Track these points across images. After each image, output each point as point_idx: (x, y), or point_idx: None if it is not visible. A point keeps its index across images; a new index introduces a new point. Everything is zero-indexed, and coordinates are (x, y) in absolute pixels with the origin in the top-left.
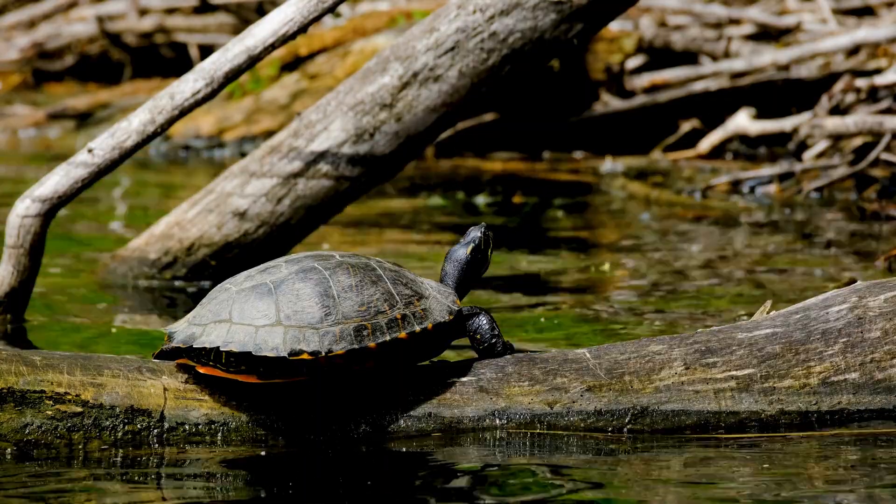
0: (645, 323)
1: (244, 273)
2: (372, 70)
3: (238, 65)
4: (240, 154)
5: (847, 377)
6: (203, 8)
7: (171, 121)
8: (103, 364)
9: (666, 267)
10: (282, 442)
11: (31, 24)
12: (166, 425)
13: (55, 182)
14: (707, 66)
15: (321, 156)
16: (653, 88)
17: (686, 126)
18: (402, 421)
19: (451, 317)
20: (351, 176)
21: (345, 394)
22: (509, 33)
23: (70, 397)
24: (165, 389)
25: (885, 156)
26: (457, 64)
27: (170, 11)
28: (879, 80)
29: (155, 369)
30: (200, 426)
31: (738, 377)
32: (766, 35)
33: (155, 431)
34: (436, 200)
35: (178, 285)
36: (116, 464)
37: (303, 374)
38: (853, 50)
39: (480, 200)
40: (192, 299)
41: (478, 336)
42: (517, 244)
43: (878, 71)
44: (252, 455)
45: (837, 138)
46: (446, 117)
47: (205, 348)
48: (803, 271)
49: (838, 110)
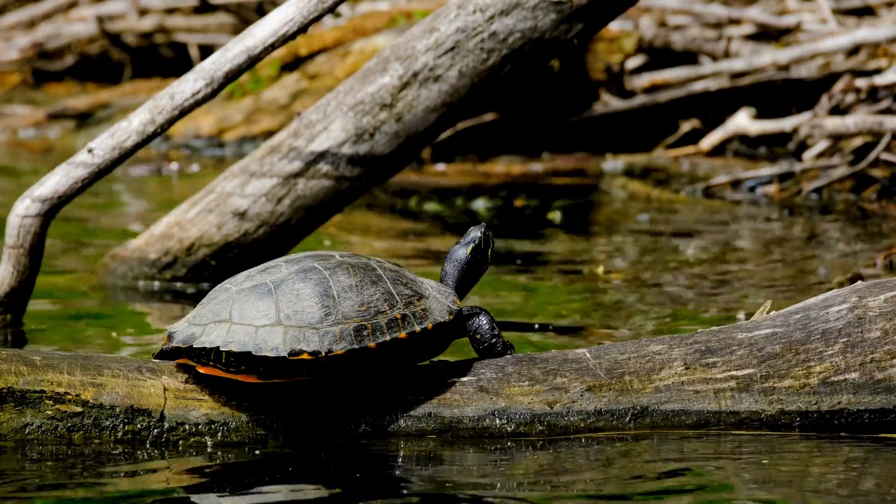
0: (644, 323)
1: (244, 273)
2: (372, 70)
3: (238, 65)
4: (240, 154)
5: (847, 377)
6: (203, 8)
7: (172, 121)
8: (103, 364)
9: (665, 267)
10: (282, 442)
11: (31, 24)
12: (166, 425)
13: (55, 182)
14: (707, 66)
15: (321, 156)
16: (653, 88)
17: (686, 126)
18: (402, 421)
19: (451, 317)
20: (351, 176)
21: (345, 394)
22: (509, 33)
23: (70, 397)
24: (165, 389)
25: (885, 156)
26: (457, 64)
27: (170, 11)
28: (879, 80)
29: (155, 369)
30: (200, 426)
31: (738, 377)
32: (766, 35)
33: (155, 431)
34: (433, 206)
35: (179, 285)
36: (116, 464)
37: (303, 374)
38: (853, 50)
39: (480, 205)
40: (192, 299)
41: (478, 336)
42: (516, 243)
43: (878, 71)
44: (252, 455)
45: (837, 138)
46: (446, 117)
47: (205, 348)
48: (803, 271)
49: (838, 110)
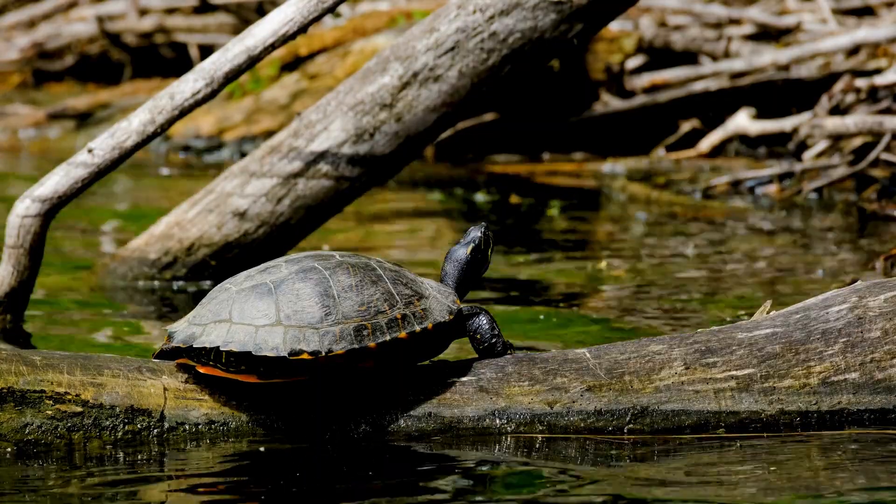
0: (644, 323)
1: (244, 273)
2: (372, 70)
3: (238, 65)
4: (240, 154)
5: (847, 377)
6: (203, 8)
7: (171, 121)
8: (103, 364)
9: (665, 267)
10: (282, 442)
11: (31, 24)
12: (166, 425)
13: (55, 182)
14: (707, 66)
15: (321, 156)
16: (653, 88)
17: (686, 126)
18: (402, 421)
19: (451, 316)
20: (351, 176)
21: (345, 394)
22: (509, 33)
23: (70, 397)
24: (165, 389)
25: (885, 156)
26: (457, 64)
27: (170, 11)
28: (879, 80)
29: (155, 369)
30: (200, 426)
31: (738, 377)
32: (766, 35)
33: (155, 431)
34: (436, 196)
35: (179, 285)
36: (116, 463)
37: (303, 374)
38: (853, 50)
39: (480, 199)
40: (192, 299)
41: (478, 336)
42: (515, 244)
43: (878, 71)
44: (252, 455)
45: (837, 138)
46: (446, 117)
47: (205, 348)
48: (803, 271)
49: (838, 110)
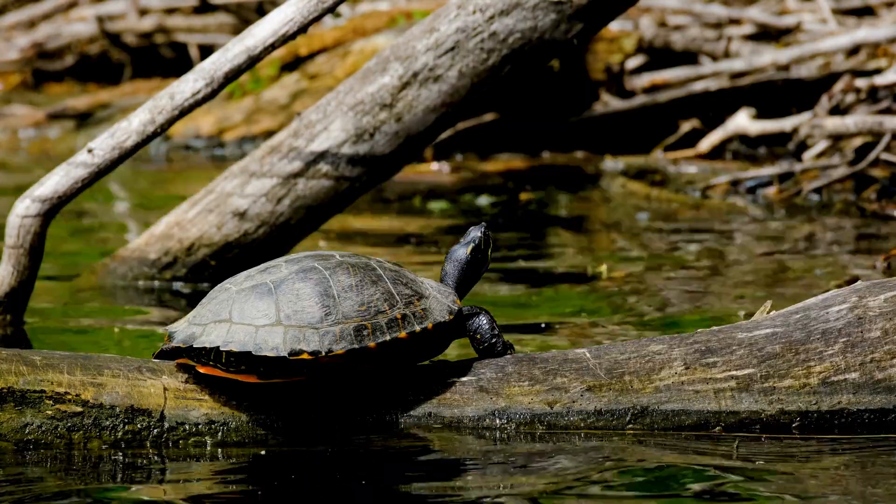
0: (644, 323)
1: (244, 273)
2: (372, 70)
3: (238, 65)
4: (240, 154)
5: (847, 377)
6: (203, 8)
7: (171, 121)
8: (103, 364)
9: (665, 267)
10: (282, 442)
11: (31, 24)
12: (166, 425)
13: (55, 182)
14: (707, 66)
15: (321, 156)
16: (653, 88)
17: (686, 126)
18: (402, 421)
19: (451, 316)
20: (351, 176)
21: (345, 393)
22: (509, 33)
23: (70, 397)
24: (165, 389)
25: (885, 156)
26: (457, 64)
27: (170, 11)
28: (879, 80)
29: (155, 369)
30: (200, 426)
31: (738, 377)
32: (766, 35)
33: (155, 431)
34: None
35: (178, 285)
36: (116, 463)
37: (303, 374)
38: (853, 50)
39: (484, 201)
40: (192, 299)
41: (478, 336)
42: (515, 244)
43: (878, 71)
44: (252, 455)
45: (837, 138)
46: (446, 117)
47: (205, 348)
48: (803, 271)
49: (838, 110)
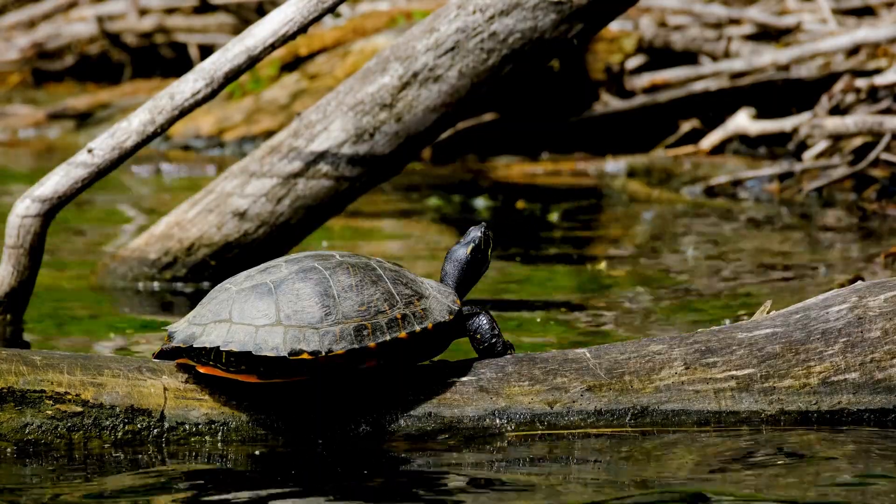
0: (644, 323)
1: (244, 273)
2: (372, 70)
3: (238, 65)
4: (240, 154)
5: (847, 377)
6: (203, 8)
7: (171, 121)
8: (103, 364)
9: (665, 266)
10: (282, 441)
11: (31, 24)
12: (166, 425)
13: (55, 182)
14: (707, 66)
15: (321, 156)
16: (653, 88)
17: (686, 126)
18: (402, 421)
19: (451, 316)
20: (351, 176)
21: (345, 394)
22: (509, 33)
23: (70, 397)
24: (165, 389)
25: (885, 156)
26: (457, 64)
27: (170, 11)
28: (879, 80)
29: (155, 369)
30: (200, 426)
31: (739, 377)
32: (766, 35)
33: (155, 431)
34: (434, 201)
35: (178, 285)
36: (116, 463)
37: (303, 374)
38: (853, 50)
39: (480, 204)
40: (192, 299)
41: (478, 336)
42: (516, 244)
43: (878, 71)
44: (252, 454)
45: (837, 138)
46: (446, 117)
47: (205, 348)
48: (804, 271)
49: (838, 110)
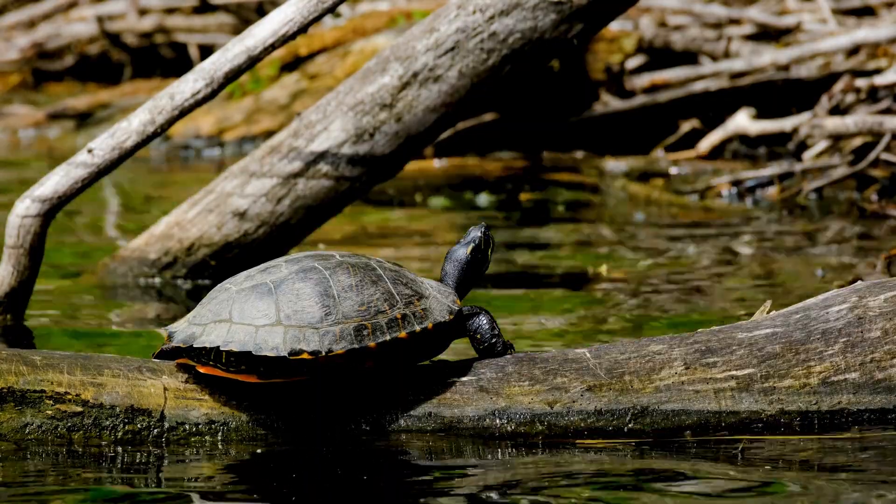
0: (644, 323)
1: (244, 273)
2: (372, 70)
3: (238, 65)
4: (240, 154)
5: (847, 377)
6: (203, 8)
7: (171, 121)
8: (103, 364)
9: (665, 267)
10: (282, 441)
11: (31, 24)
12: (166, 425)
13: (55, 182)
14: (707, 66)
15: (321, 156)
16: (653, 88)
17: (686, 126)
18: (402, 420)
19: (452, 316)
20: (351, 176)
21: (345, 393)
22: (509, 33)
23: (70, 397)
24: (165, 389)
25: (885, 156)
26: (457, 64)
27: (170, 11)
28: (879, 80)
29: (155, 369)
30: (200, 426)
31: (739, 377)
32: (766, 35)
33: (155, 431)
34: (438, 202)
35: (178, 285)
36: (116, 463)
37: (303, 374)
38: (853, 50)
39: (483, 200)
40: (192, 299)
41: (478, 336)
42: (516, 244)
43: (878, 71)
44: (252, 454)
45: (837, 138)
46: (446, 117)
47: (205, 348)
48: (803, 271)
49: (838, 110)
